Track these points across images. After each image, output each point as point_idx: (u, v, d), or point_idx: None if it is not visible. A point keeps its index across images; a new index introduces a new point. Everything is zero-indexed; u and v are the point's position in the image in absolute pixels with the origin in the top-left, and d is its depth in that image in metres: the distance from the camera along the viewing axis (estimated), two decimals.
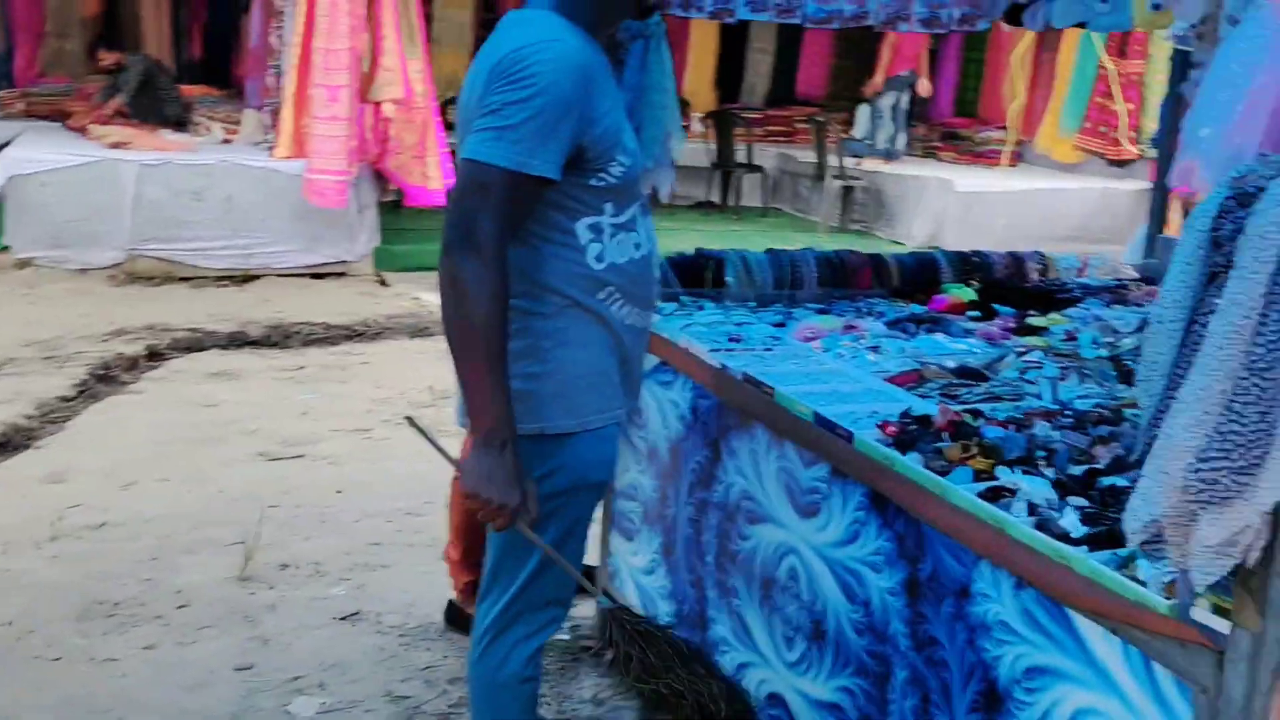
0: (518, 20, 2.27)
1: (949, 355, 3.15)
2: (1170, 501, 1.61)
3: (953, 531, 2.22)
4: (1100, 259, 4.14)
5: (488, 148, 2.10)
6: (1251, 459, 1.54)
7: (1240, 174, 1.61)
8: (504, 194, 2.10)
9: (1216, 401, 1.55)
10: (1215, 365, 1.55)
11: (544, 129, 2.10)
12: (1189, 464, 1.56)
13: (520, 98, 2.09)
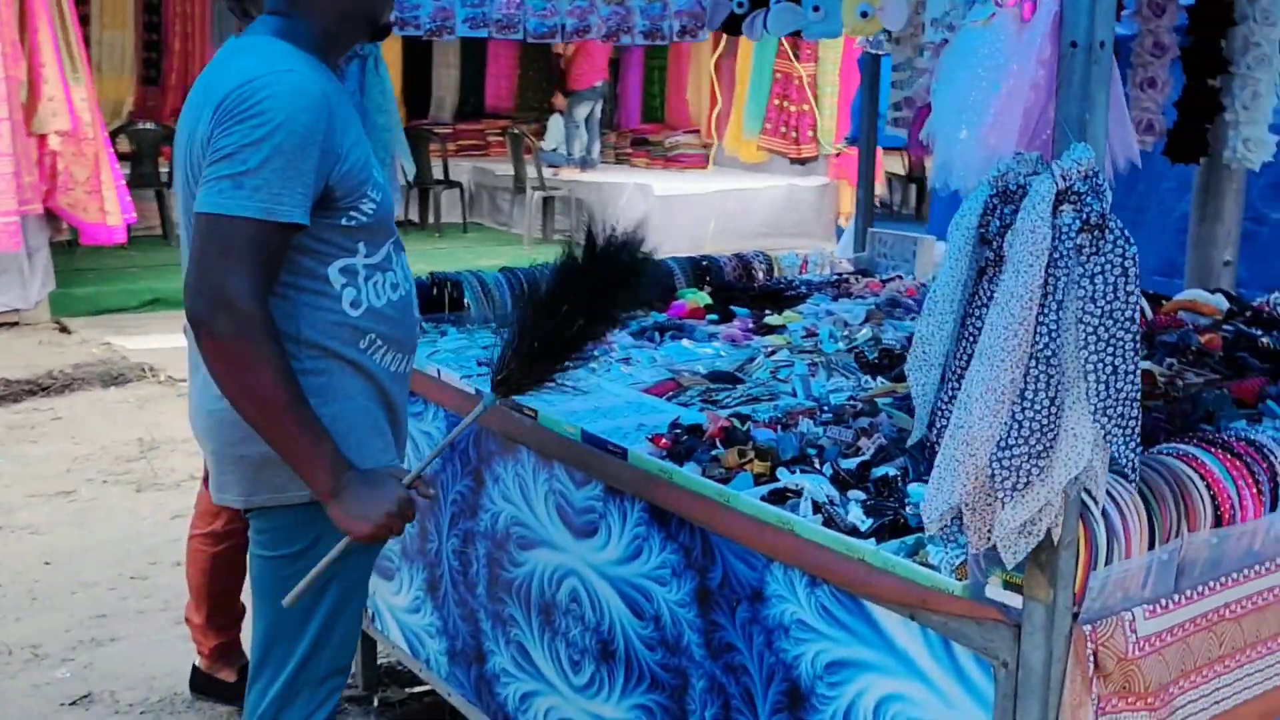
0: (241, 48, 2.08)
1: (698, 361, 3.20)
2: (970, 489, 1.68)
3: (741, 537, 2.24)
4: (818, 255, 4.32)
5: (226, 198, 1.92)
6: (1047, 442, 1.62)
7: (1000, 172, 1.69)
8: (252, 248, 1.91)
9: (1008, 390, 1.62)
10: (1002, 355, 1.62)
11: (286, 170, 1.92)
12: (991, 453, 1.63)
13: (256, 138, 1.91)
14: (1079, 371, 1.63)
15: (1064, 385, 1.61)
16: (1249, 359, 2.96)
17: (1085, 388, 1.64)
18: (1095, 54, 1.61)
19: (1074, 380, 1.65)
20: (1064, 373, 1.61)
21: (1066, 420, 1.65)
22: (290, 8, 2.10)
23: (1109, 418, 1.65)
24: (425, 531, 3.21)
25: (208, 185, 1.94)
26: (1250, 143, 2.91)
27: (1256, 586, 2.04)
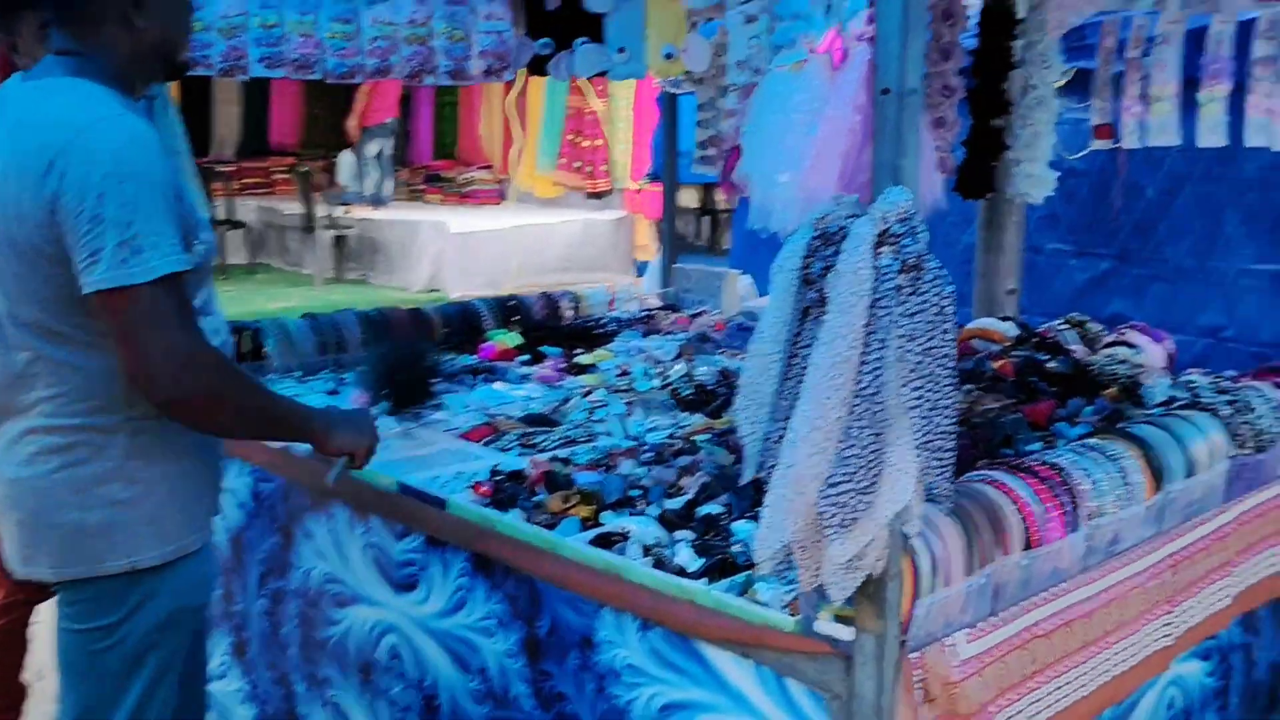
0: (48, 91, 1.94)
1: (512, 404, 3.16)
2: (800, 527, 1.70)
3: (569, 584, 2.21)
4: (626, 291, 4.34)
5: (129, 270, 1.82)
6: (871, 478, 1.66)
7: (820, 215, 1.73)
8: (174, 305, 1.87)
9: (834, 429, 1.65)
10: (827, 394, 1.65)
11: (164, 217, 1.86)
12: (820, 490, 1.65)
13: (124, 198, 1.83)
14: (901, 408, 1.67)
15: (886, 422, 1.65)
16: (1039, 383, 3.12)
17: (907, 422, 1.68)
18: (907, 100, 1.66)
19: (896, 416, 1.69)
20: (887, 409, 1.65)
21: (890, 456, 1.69)
22: (84, 47, 1.99)
23: (929, 451, 1.70)
24: (231, 594, 3.05)
25: (99, 260, 1.83)
26: (1032, 179, 3.07)
27: (1063, 603, 2.14)
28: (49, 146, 1.85)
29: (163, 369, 1.87)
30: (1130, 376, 3.13)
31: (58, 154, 1.84)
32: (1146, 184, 3.97)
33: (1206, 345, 3.88)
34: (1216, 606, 2.58)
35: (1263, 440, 2.62)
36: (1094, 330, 3.47)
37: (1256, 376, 2.92)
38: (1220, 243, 3.88)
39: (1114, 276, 4.10)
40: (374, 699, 2.68)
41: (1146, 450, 2.36)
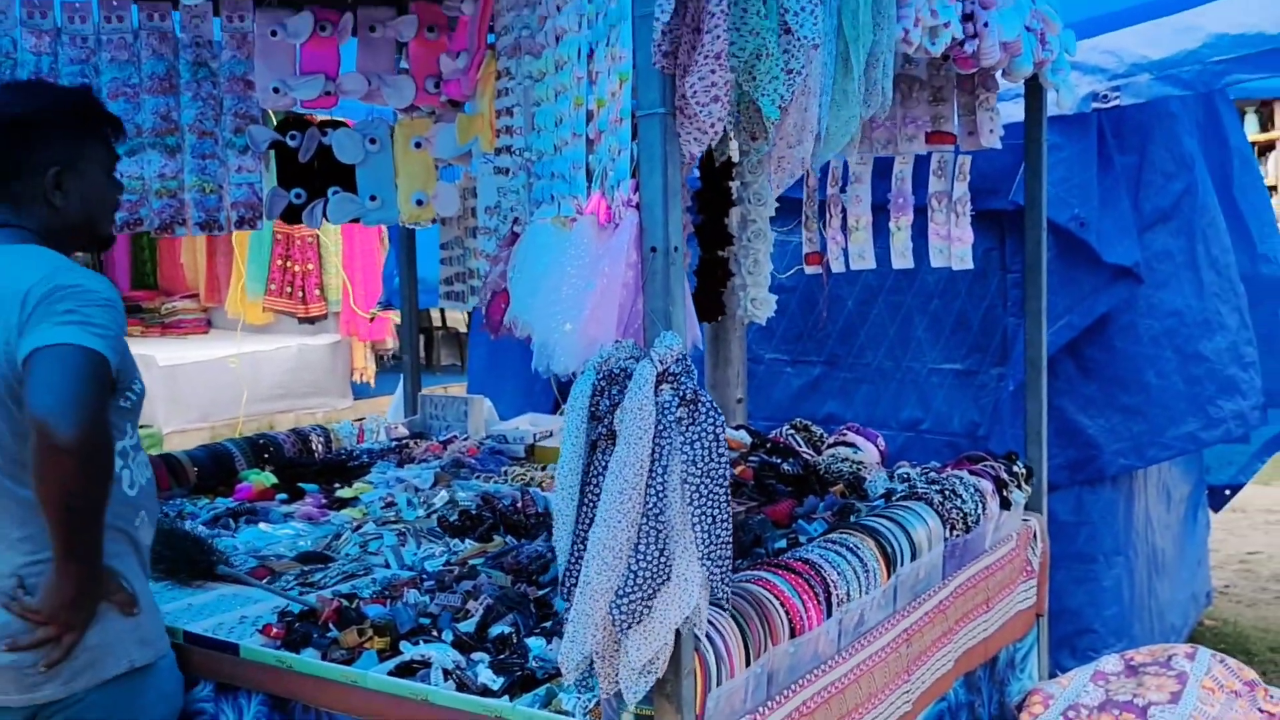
0: (20, 254, 2.26)
1: (279, 543, 3.20)
2: (598, 638, 1.89)
3: (374, 715, 2.30)
4: (374, 422, 4.42)
5: (72, 331, 2.12)
6: (656, 586, 1.87)
7: (603, 358, 1.95)
8: (101, 377, 2.15)
9: (624, 547, 1.86)
10: (618, 517, 1.86)
11: (118, 329, 2.22)
12: (612, 602, 1.85)
13: (90, 302, 2.17)
14: (685, 524, 1.90)
15: (672, 537, 1.87)
16: (776, 484, 3.45)
17: (692, 537, 1.91)
18: (672, 257, 1.93)
19: (680, 531, 1.91)
20: (671, 526, 1.87)
21: (676, 567, 1.91)
22: (18, 219, 2.32)
23: (712, 560, 1.93)
24: None
25: (52, 326, 2.13)
26: (756, 301, 3.43)
27: (824, 683, 2.42)
28: (19, 293, 2.16)
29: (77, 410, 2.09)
30: (853, 473, 3.51)
31: (30, 288, 2.16)
32: (846, 296, 4.45)
33: (908, 438, 4.36)
34: (942, 670, 2.93)
35: (969, 521, 3.02)
36: (817, 433, 3.85)
37: (956, 466, 3.35)
38: (912, 346, 4.38)
39: (825, 380, 4.54)
40: None
41: (879, 539, 2.69)
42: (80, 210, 2.37)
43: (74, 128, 2.36)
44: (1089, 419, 4.15)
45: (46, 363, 2.10)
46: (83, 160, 2.37)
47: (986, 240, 4.16)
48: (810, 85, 2.09)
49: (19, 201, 2.32)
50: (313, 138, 3.31)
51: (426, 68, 3.26)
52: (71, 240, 2.40)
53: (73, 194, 2.34)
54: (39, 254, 2.27)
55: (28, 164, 2.31)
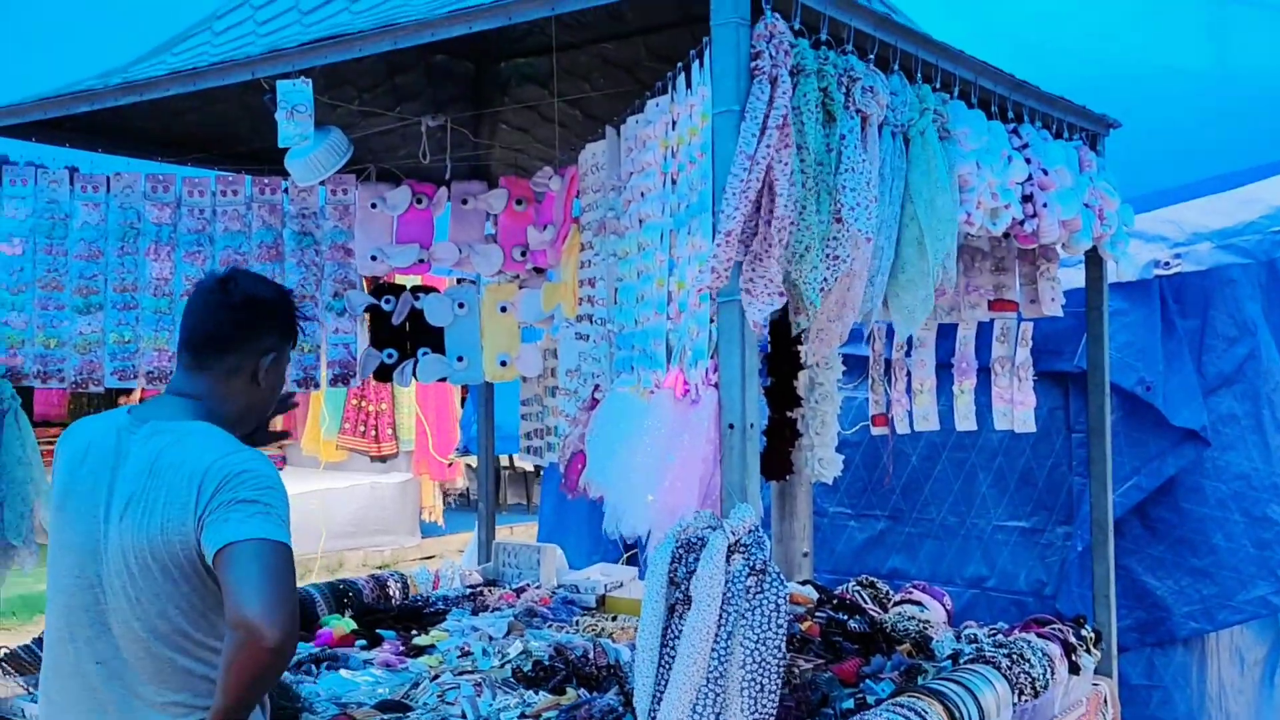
0: (196, 431, 2.39)
1: (358, 690, 3.29)
2: None
3: None
4: (449, 568, 4.54)
5: (259, 524, 2.21)
6: None
7: (682, 527, 2.07)
8: (292, 568, 2.25)
9: (686, 710, 1.95)
10: (685, 680, 1.96)
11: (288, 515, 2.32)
12: None
13: (268, 487, 2.30)
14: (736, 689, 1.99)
15: (727, 701, 1.96)
16: (843, 642, 3.50)
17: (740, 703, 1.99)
18: (748, 433, 2.05)
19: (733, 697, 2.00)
20: (728, 692, 1.96)
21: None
22: (206, 393, 2.48)
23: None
24: None
25: (242, 519, 2.22)
26: (823, 461, 3.54)
27: None
28: (197, 471, 2.28)
29: (288, 604, 2.19)
30: (920, 631, 3.55)
31: (205, 474, 2.27)
32: (910, 451, 4.54)
33: (973, 595, 4.39)
34: None
35: (1038, 686, 3.05)
36: (883, 590, 3.90)
37: (1025, 628, 3.39)
38: (976, 502, 4.45)
39: (889, 535, 4.60)
40: None
41: (946, 704, 2.73)
42: (269, 396, 2.60)
43: (290, 322, 2.60)
44: (1157, 580, 4.16)
45: (244, 560, 2.19)
46: (284, 352, 2.60)
47: (1051, 399, 4.25)
48: (856, 269, 2.24)
49: (222, 376, 2.49)
50: (406, 302, 3.51)
51: (514, 238, 3.46)
52: (245, 422, 2.55)
53: (271, 380, 2.56)
54: (211, 433, 2.38)
55: (251, 344, 2.50)
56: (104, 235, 3.23)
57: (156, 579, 2.30)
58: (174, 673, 2.33)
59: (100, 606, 2.37)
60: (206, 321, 2.51)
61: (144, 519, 2.30)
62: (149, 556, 2.30)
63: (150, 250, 3.25)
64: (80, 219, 3.21)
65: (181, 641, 2.32)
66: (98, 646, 2.37)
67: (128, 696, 2.35)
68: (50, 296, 3.28)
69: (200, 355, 2.48)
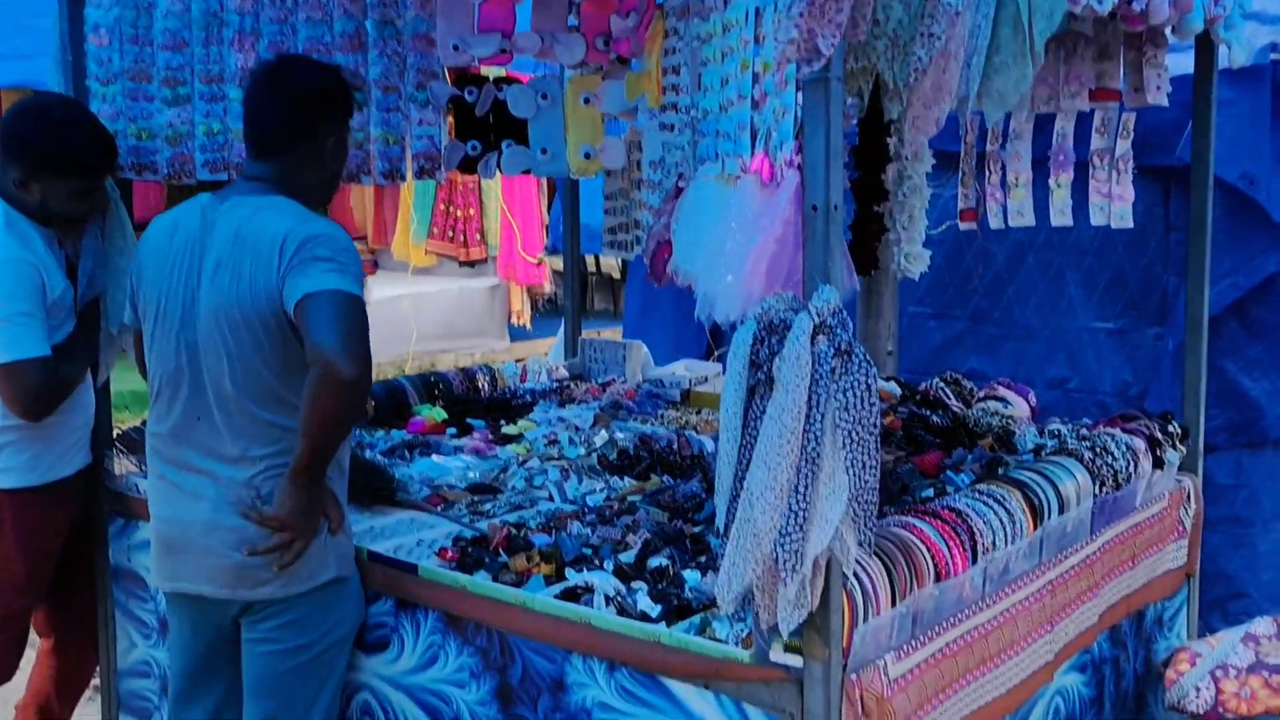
0: (270, 204, 2.59)
1: (450, 474, 3.41)
2: (759, 573, 2.02)
3: (540, 634, 2.49)
4: (536, 364, 4.62)
5: (336, 278, 2.44)
6: (811, 527, 1.99)
7: (763, 309, 2.07)
8: (365, 317, 2.49)
9: (784, 489, 1.98)
10: (777, 459, 1.98)
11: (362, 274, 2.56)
12: (775, 540, 1.98)
13: (343, 249, 2.53)
14: (836, 467, 2.01)
15: (823, 480, 1.99)
16: (925, 435, 3.52)
17: (843, 480, 2.02)
18: (831, 215, 2.02)
19: (831, 475, 2.02)
20: (825, 471, 1.99)
21: (826, 508, 2.03)
22: (269, 172, 2.67)
23: (858, 501, 2.04)
24: None
25: (318, 274, 2.44)
26: (910, 256, 3.48)
27: (966, 627, 2.51)
28: (275, 238, 2.49)
29: (362, 348, 2.42)
30: (1003, 427, 3.55)
31: (284, 240, 2.49)
32: (996, 250, 4.45)
33: (1054, 396, 4.35)
34: (1086, 624, 2.98)
35: (1120, 479, 3.05)
36: (967, 387, 3.90)
37: (1109, 424, 3.37)
38: (1063, 303, 4.37)
39: (969, 335, 4.56)
40: None
41: (1026, 492, 2.75)
42: (335, 172, 2.81)
43: (348, 103, 2.80)
44: (1252, 381, 4.08)
45: (322, 306, 2.41)
46: (345, 131, 2.81)
47: (1149, 197, 4.11)
48: (951, 49, 2.15)
49: (291, 161, 2.67)
50: (489, 93, 3.48)
51: (597, 26, 3.38)
52: (317, 197, 2.76)
53: (337, 157, 2.78)
54: (287, 205, 2.60)
55: (313, 131, 2.67)
56: (187, 25, 3.21)
57: (245, 337, 2.52)
58: (256, 425, 2.56)
59: (196, 367, 2.59)
60: (265, 117, 2.68)
61: (233, 282, 2.51)
62: (239, 316, 2.51)
63: (234, 41, 3.23)
64: (164, 8, 3.19)
65: (267, 397, 2.54)
66: (194, 404, 2.61)
67: (205, 457, 2.61)
68: (139, 88, 3.30)
69: (265, 148, 2.68)
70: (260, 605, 2.65)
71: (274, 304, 2.49)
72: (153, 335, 2.68)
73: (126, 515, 3.33)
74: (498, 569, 2.64)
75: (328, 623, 2.67)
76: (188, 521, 2.65)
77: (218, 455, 2.60)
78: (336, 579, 2.68)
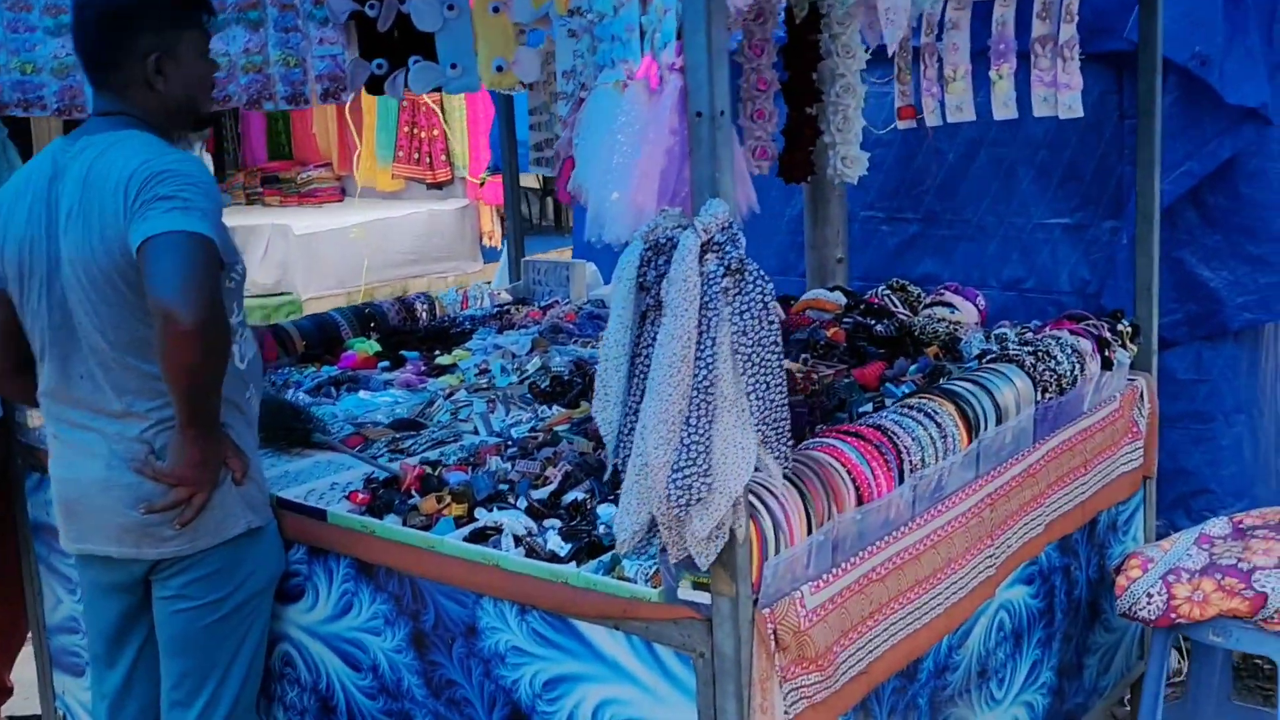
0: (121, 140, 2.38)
1: (377, 410, 3.28)
2: (661, 509, 1.90)
3: (450, 578, 2.38)
4: (478, 289, 4.47)
5: (176, 218, 2.23)
6: (709, 461, 1.86)
7: (650, 228, 1.92)
8: (209, 258, 2.26)
9: (676, 420, 1.85)
10: (668, 390, 1.85)
11: (215, 211, 2.32)
12: (668, 477, 1.85)
13: (190, 185, 2.29)
14: (738, 393, 1.88)
15: (723, 409, 1.86)
16: (868, 347, 3.39)
17: (746, 406, 1.89)
18: (718, 121, 1.86)
19: (733, 403, 1.89)
20: (723, 399, 1.85)
21: (732, 437, 1.90)
22: (123, 107, 2.46)
23: (767, 426, 1.92)
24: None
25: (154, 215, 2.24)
26: (846, 160, 3.32)
27: (895, 549, 2.39)
28: (121, 180, 2.29)
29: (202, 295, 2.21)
30: (949, 334, 3.42)
31: (129, 181, 2.28)
32: (947, 149, 4.27)
33: (1010, 298, 4.20)
34: (1031, 534, 2.88)
35: (1064, 384, 2.93)
36: (914, 293, 3.75)
37: (1056, 325, 3.24)
38: (1015, 201, 4.20)
39: (922, 239, 4.39)
40: (271, 705, 2.80)
41: (960, 404, 2.63)
42: (181, 93, 2.49)
43: (170, 13, 2.47)
44: (1212, 271, 3.94)
45: (160, 251, 2.22)
46: (180, 44, 2.47)
47: (1101, 84, 3.94)
48: None
49: (123, 90, 2.45)
50: (391, 7, 3.28)
51: None
52: (175, 123, 2.52)
53: (173, 78, 2.46)
54: (138, 139, 2.38)
55: (129, 52, 2.42)
56: None
57: (108, 292, 2.34)
58: (137, 379, 2.41)
59: (69, 324, 2.43)
60: (80, 38, 2.47)
61: (84, 233, 2.33)
62: (96, 270, 2.34)
63: None
64: None
65: (144, 349, 2.38)
66: (73, 362, 2.46)
67: (93, 415, 2.47)
68: (19, 18, 3.12)
69: (91, 75, 2.49)
70: (168, 563, 2.52)
71: (127, 254, 2.29)
72: (23, 295, 2.49)
73: (41, 469, 3.21)
74: (407, 511, 2.53)
75: (240, 575, 2.54)
76: (84, 481, 2.52)
77: (104, 412, 2.45)
78: (248, 531, 2.55)
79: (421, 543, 2.41)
